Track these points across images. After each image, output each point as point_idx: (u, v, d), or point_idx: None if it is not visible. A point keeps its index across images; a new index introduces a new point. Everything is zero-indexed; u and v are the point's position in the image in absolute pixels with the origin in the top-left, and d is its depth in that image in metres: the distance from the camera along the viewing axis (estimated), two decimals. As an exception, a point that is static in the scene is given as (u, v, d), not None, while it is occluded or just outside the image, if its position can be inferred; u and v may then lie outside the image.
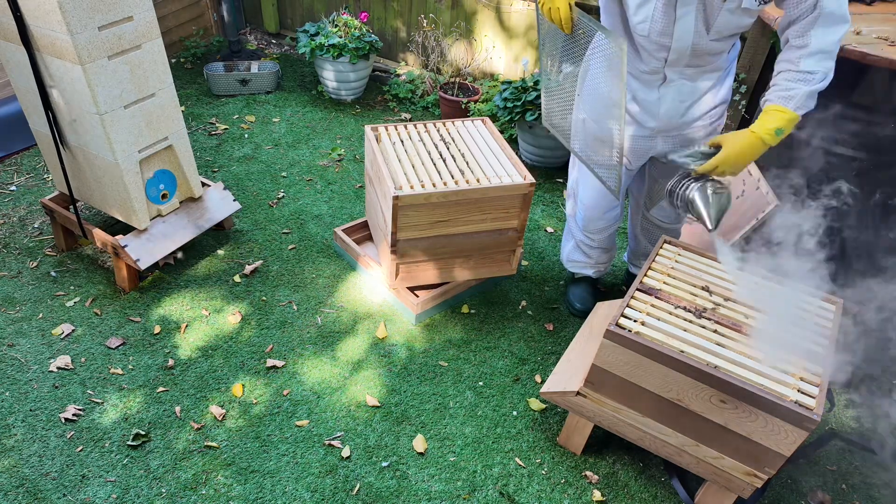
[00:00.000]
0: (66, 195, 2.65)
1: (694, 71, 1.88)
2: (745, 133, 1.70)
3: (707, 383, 1.63)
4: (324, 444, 2.08)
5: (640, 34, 1.79)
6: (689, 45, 1.77)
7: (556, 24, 1.80)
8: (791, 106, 1.65)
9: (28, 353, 2.29)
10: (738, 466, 1.73)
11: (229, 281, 2.67)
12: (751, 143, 1.69)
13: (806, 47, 1.63)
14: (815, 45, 1.61)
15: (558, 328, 2.58)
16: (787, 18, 1.67)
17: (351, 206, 3.18)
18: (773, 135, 1.67)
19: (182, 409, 2.15)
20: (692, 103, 1.95)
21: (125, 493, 1.90)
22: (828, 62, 1.63)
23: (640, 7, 1.73)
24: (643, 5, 1.72)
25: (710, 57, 1.84)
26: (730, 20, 1.70)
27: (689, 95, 1.93)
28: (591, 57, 1.99)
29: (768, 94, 1.70)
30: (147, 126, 2.32)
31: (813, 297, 1.87)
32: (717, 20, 1.70)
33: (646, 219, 2.43)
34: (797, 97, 1.64)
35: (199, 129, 3.70)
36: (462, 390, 2.29)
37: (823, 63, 1.62)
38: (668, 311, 1.79)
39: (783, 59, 1.69)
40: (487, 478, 2.02)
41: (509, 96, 3.40)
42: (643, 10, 1.73)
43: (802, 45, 1.63)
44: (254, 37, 4.83)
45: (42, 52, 2.11)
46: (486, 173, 2.35)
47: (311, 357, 2.37)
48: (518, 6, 3.72)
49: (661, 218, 2.38)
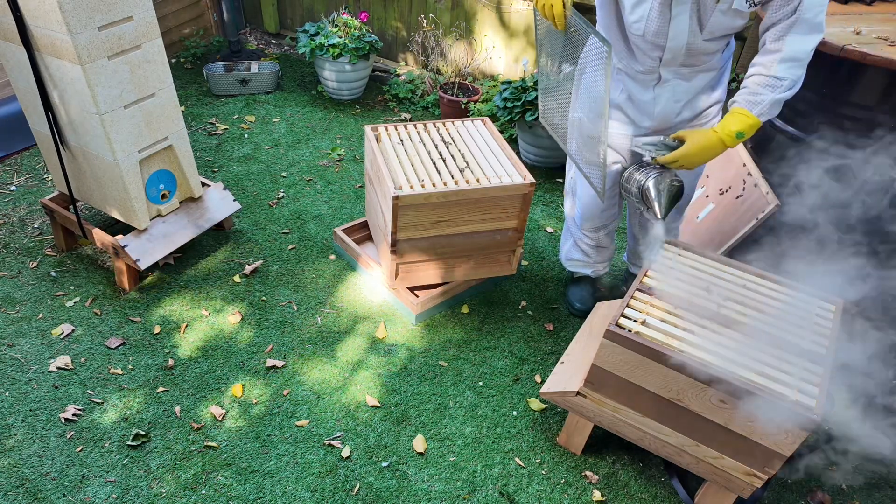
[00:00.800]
0: (66, 195, 2.65)
1: (689, 70, 1.89)
2: (708, 132, 1.74)
3: (707, 383, 1.63)
4: (324, 444, 2.08)
5: (636, 33, 1.80)
6: (683, 45, 1.78)
7: (549, 21, 1.82)
8: (755, 111, 1.69)
9: (28, 353, 2.29)
10: (738, 466, 1.73)
11: (229, 281, 2.67)
12: (711, 142, 1.73)
13: (779, 52, 1.65)
14: (788, 51, 1.64)
15: (558, 328, 2.58)
16: (767, 21, 1.69)
17: (351, 206, 3.18)
18: (733, 137, 1.71)
19: (182, 409, 2.15)
20: (687, 103, 1.97)
21: (125, 493, 1.90)
22: (798, 70, 1.66)
23: (635, 7, 1.74)
24: (639, 5, 1.73)
25: (705, 56, 1.85)
26: (722, 21, 1.72)
27: (683, 95, 1.94)
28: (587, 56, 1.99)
29: (738, 94, 1.74)
30: (147, 126, 2.32)
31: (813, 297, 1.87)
32: (710, 20, 1.72)
33: (644, 217, 2.43)
34: (763, 103, 1.68)
35: (199, 129, 3.70)
36: (462, 390, 2.29)
37: (793, 71, 1.65)
38: (668, 311, 1.79)
39: (758, 61, 1.72)
40: (487, 478, 2.02)
41: (509, 96, 3.40)
42: (639, 10, 1.74)
43: (776, 50, 1.66)
44: (254, 37, 4.83)
45: (42, 52, 2.11)
46: (486, 173, 2.35)
47: (310, 357, 2.37)
48: (518, 6, 3.72)
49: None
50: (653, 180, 1.81)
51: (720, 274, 1.94)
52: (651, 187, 1.81)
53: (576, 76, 2.06)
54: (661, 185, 1.81)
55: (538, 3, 1.82)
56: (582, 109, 2.07)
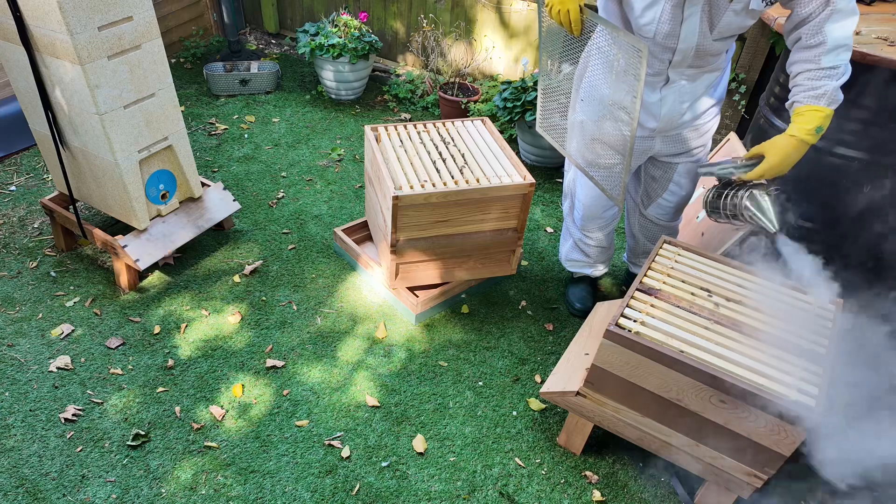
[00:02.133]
0: (65, 195, 2.65)
1: (695, 71, 1.88)
2: (785, 137, 1.70)
3: (707, 383, 1.63)
4: (324, 444, 2.08)
5: (646, 36, 1.79)
6: (693, 46, 1.77)
7: (564, 27, 1.76)
8: (824, 103, 1.66)
9: (28, 354, 2.29)
10: (738, 466, 1.73)
11: (229, 281, 2.67)
12: (794, 146, 1.70)
13: (824, 44, 1.64)
14: (832, 41, 1.63)
15: (558, 328, 2.58)
16: (796, 17, 1.67)
17: (351, 207, 3.18)
18: (813, 134, 1.68)
19: (182, 409, 2.15)
20: (692, 103, 1.96)
21: (125, 493, 1.90)
22: (846, 54, 1.64)
23: (646, 9, 1.72)
24: (651, 7, 1.71)
25: (712, 57, 1.84)
26: (733, 21, 1.71)
27: (689, 96, 1.94)
28: (589, 57, 1.98)
29: (795, 96, 1.70)
30: (147, 126, 2.32)
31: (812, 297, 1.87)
32: (721, 20, 1.70)
33: (643, 217, 2.43)
34: (828, 93, 1.65)
35: (199, 129, 3.70)
36: (462, 390, 2.29)
37: (842, 56, 1.64)
38: (667, 311, 1.79)
39: (799, 59, 1.69)
40: (487, 478, 2.02)
41: (509, 96, 3.40)
42: (650, 12, 1.73)
43: (819, 43, 1.64)
44: (253, 37, 4.83)
45: (42, 53, 2.11)
46: (486, 173, 2.35)
47: (310, 357, 2.37)
48: (518, 6, 3.72)
49: (659, 216, 2.38)
50: (748, 200, 1.75)
51: (720, 274, 1.94)
52: (751, 206, 1.75)
53: (576, 77, 2.06)
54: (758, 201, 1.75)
55: (552, 12, 1.76)
56: (585, 112, 2.06)
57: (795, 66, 1.70)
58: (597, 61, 1.94)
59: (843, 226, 2.47)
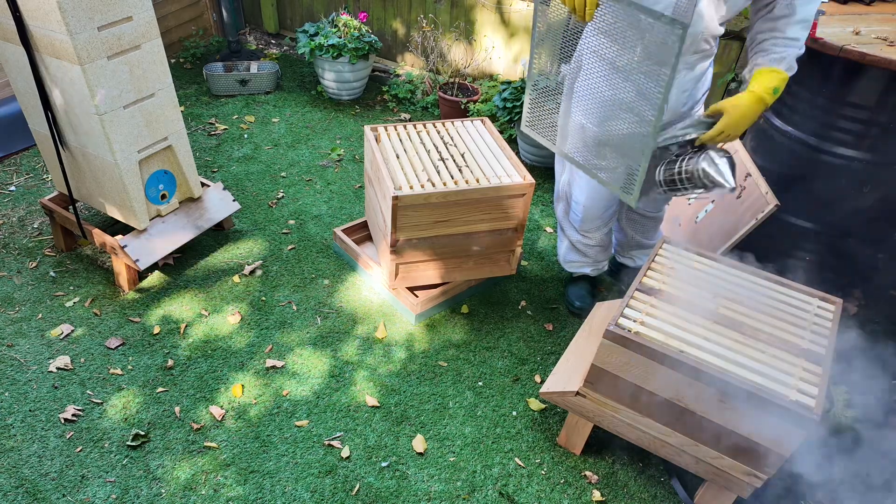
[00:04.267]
0: (65, 195, 2.65)
1: (696, 58, 1.91)
2: (745, 95, 1.76)
3: (707, 383, 1.63)
4: (323, 445, 2.08)
5: None
6: (701, 31, 1.80)
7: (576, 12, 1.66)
8: (783, 67, 1.75)
9: (27, 354, 2.28)
10: (737, 466, 1.73)
11: (229, 281, 2.66)
12: (751, 103, 1.76)
13: (793, 15, 1.74)
14: (800, 13, 1.74)
15: (558, 328, 2.58)
16: None
17: (350, 206, 3.18)
18: (771, 93, 1.75)
19: (181, 409, 2.15)
20: (690, 92, 1.99)
21: (125, 493, 1.90)
22: (806, 31, 1.76)
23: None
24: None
25: (712, 40, 1.88)
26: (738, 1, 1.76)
27: (689, 84, 1.97)
28: (583, 56, 1.96)
29: (756, 58, 1.79)
30: (146, 126, 2.32)
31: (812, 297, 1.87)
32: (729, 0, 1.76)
33: (631, 210, 2.46)
34: (787, 59, 1.75)
35: (199, 129, 3.70)
36: (462, 390, 2.29)
37: (804, 31, 1.76)
38: (667, 311, 1.79)
39: (764, 28, 1.79)
40: (487, 478, 2.02)
41: (509, 96, 3.40)
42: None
43: (789, 14, 1.74)
44: (253, 37, 4.83)
45: (41, 53, 2.11)
46: (486, 173, 2.35)
47: (310, 357, 2.37)
48: (518, 6, 3.72)
49: (647, 209, 2.41)
50: (705, 162, 1.78)
51: (720, 274, 1.94)
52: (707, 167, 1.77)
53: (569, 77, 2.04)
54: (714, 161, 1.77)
55: None
56: (585, 115, 2.01)
57: (759, 35, 1.80)
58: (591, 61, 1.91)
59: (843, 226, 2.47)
